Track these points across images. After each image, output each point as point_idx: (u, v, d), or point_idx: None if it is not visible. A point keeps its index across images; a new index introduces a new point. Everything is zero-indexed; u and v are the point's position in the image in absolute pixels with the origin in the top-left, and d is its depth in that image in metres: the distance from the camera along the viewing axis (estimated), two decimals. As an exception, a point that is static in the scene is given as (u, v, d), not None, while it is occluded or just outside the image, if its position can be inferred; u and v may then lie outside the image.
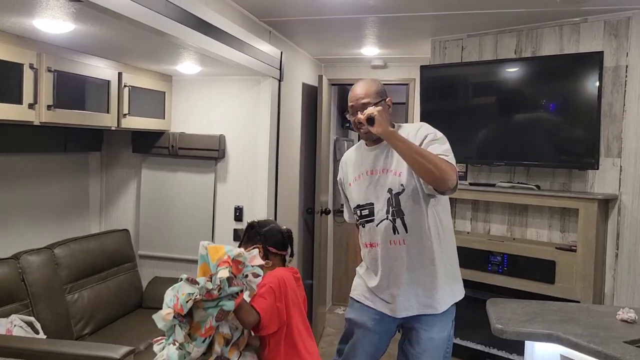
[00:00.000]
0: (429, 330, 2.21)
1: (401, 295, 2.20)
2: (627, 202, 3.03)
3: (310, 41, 4.15)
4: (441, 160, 2.02)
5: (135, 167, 3.61)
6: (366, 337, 2.30)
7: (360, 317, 2.31)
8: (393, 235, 2.19)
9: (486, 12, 3.18)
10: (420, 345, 2.22)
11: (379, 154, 2.24)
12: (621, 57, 3.04)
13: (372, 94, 2.20)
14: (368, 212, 2.25)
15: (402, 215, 2.16)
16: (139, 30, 2.12)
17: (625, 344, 1.79)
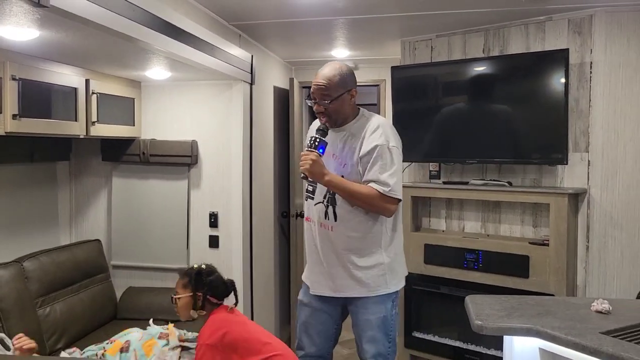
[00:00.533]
0: (365, 312, 2.33)
1: (332, 276, 2.33)
2: (595, 196, 3.10)
3: (280, 44, 4.14)
4: (376, 197, 2.17)
5: (106, 176, 3.54)
6: (313, 316, 2.44)
7: (306, 297, 2.46)
8: (324, 219, 2.32)
9: (454, 13, 3.21)
10: (358, 327, 2.36)
11: (335, 137, 2.31)
12: (585, 54, 3.11)
13: (334, 86, 2.23)
14: (312, 189, 2.38)
15: (334, 204, 2.28)
16: (107, 36, 2.07)
17: (602, 334, 1.82)
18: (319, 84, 2.26)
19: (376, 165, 2.19)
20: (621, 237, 3.06)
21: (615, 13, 3.04)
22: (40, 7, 1.62)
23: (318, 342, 2.47)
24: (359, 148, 2.24)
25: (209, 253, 3.48)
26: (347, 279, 2.31)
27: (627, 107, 3.04)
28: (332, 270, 2.34)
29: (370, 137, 2.23)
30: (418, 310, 3.65)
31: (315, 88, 2.27)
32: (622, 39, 3.04)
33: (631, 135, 3.04)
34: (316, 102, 2.26)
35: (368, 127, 2.25)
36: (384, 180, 2.18)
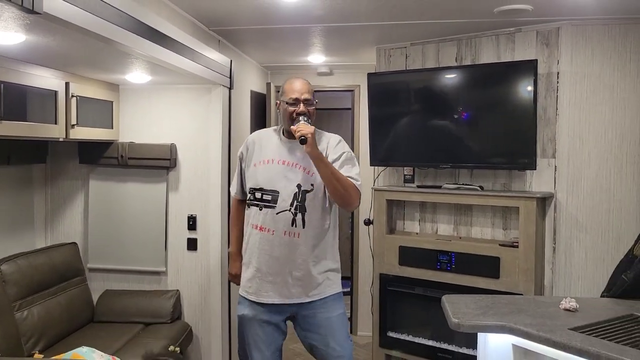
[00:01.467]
0: (324, 311, 2.44)
1: (286, 284, 2.41)
2: (562, 200, 3.25)
3: (258, 49, 4.19)
4: (352, 186, 2.35)
5: (83, 179, 3.53)
6: (262, 329, 2.47)
7: (251, 310, 2.49)
8: (290, 227, 2.39)
9: (428, 22, 3.32)
10: (321, 327, 2.44)
11: (294, 148, 2.43)
12: (553, 65, 3.26)
13: (311, 92, 2.46)
14: (271, 198, 2.42)
15: (304, 211, 2.39)
16: (91, 40, 2.08)
17: (571, 330, 1.94)
18: (302, 90, 2.44)
19: (347, 166, 2.41)
20: (585, 240, 3.22)
21: (580, 26, 3.20)
22: (33, 14, 1.65)
23: (269, 356, 2.50)
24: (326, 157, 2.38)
25: (187, 256, 3.51)
26: (308, 283, 2.43)
27: (591, 115, 3.20)
28: (290, 278, 2.41)
29: (336, 147, 2.45)
30: (392, 311, 3.74)
31: (298, 94, 2.42)
32: (586, 50, 3.20)
33: (595, 142, 3.20)
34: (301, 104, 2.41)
35: (330, 141, 2.47)
36: (354, 177, 2.39)
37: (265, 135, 2.59)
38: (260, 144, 2.53)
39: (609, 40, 3.18)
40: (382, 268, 3.72)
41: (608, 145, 3.19)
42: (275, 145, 2.49)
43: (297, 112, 2.39)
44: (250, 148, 2.55)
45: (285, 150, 2.46)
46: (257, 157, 2.50)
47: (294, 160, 2.44)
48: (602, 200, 3.20)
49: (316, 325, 2.46)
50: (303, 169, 2.42)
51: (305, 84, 2.48)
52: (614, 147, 3.19)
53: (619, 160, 3.18)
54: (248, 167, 2.53)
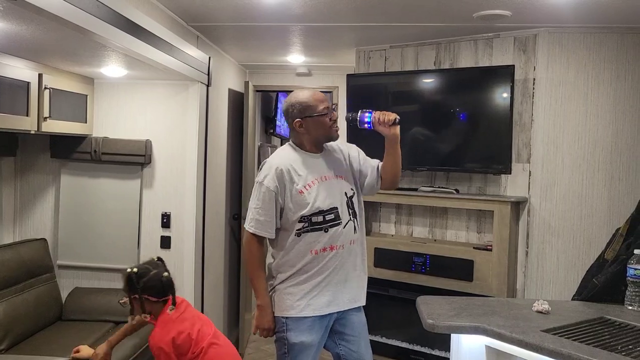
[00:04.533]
0: (361, 315, 2.45)
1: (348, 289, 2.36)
2: (535, 204, 3.29)
3: (236, 47, 4.15)
4: None
5: (54, 173, 3.45)
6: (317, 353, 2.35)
7: (310, 335, 2.27)
8: (353, 235, 2.36)
9: (407, 25, 3.34)
10: (356, 331, 2.40)
11: (325, 161, 2.39)
12: (529, 71, 3.31)
13: None
14: (334, 216, 2.28)
15: (356, 216, 2.39)
16: (66, 30, 2.04)
17: (543, 332, 1.96)
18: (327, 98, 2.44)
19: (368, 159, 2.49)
20: (557, 244, 3.27)
21: (557, 34, 3.25)
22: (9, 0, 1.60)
23: None
24: (344, 158, 2.44)
25: (160, 254, 3.41)
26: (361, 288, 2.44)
27: (566, 122, 3.26)
28: (350, 284, 2.36)
29: (350, 148, 2.51)
30: (366, 313, 3.72)
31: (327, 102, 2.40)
32: (562, 58, 3.25)
33: (568, 148, 3.25)
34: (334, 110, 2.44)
35: (338, 145, 2.48)
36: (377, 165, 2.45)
37: (291, 157, 2.32)
38: (295, 169, 2.28)
39: (584, 49, 3.24)
40: (357, 269, 3.71)
41: (581, 151, 3.25)
42: (310, 164, 2.32)
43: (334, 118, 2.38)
44: (285, 177, 2.25)
45: (319, 165, 2.34)
46: (301, 183, 2.26)
47: (332, 172, 2.36)
48: (575, 205, 3.25)
49: (350, 327, 2.38)
50: (340, 177, 2.39)
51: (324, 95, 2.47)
52: (586, 154, 3.24)
53: (592, 166, 3.24)
54: (291, 197, 2.25)
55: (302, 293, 2.27)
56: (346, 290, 2.35)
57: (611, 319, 2.17)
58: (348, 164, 2.43)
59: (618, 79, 3.21)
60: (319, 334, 2.31)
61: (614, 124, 3.22)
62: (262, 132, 5.75)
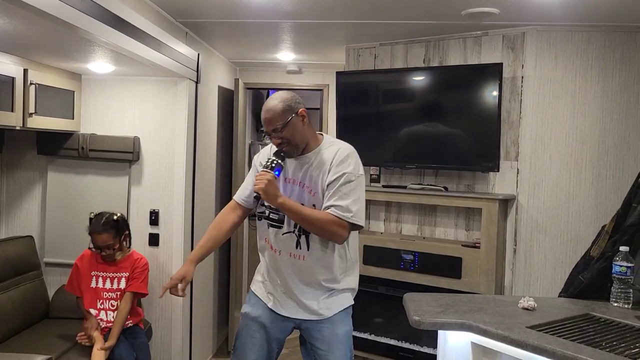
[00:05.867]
0: (331, 327, 2.28)
1: (292, 301, 2.29)
2: (523, 202, 3.31)
3: (226, 44, 4.14)
4: (331, 222, 2.11)
5: (41, 170, 3.42)
6: (259, 335, 2.33)
7: (256, 310, 2.34)
8: (295, 249, 2.24)
9: (397, 23, 3.34)
10: (325, 342, 2.28)
11: (299, 166, 2.25)
12: (517, 69, 3.32)
13: (277, 116, 2.16)
14: (278, 218, 2.27)
15: (307, 233, 2.21)
16: (51, 25, 2.02)
17: (528, 328, 1.97)
18: (266, 117, 2.20)
19: (340, 192, 2.15)
20: (545, 241, 3.28)
21: (545, 32, 3.26)
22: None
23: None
24: (327, 175, 2.18)
25: (148, 251, 3.44)
26: (316, 306, 2.28)
27: (554, 120, 3.27)
28: (300, 298, 2.28)
29: (339, 165, 2.18)
30: (355, 310, 3.72)
31: (264, 123, 2.21)
32: (550, 56, 3.27)
33: (556, 146, 3.27)
34: (271, 137, 2.22)
35: (337, 155, 2.20)
36: (347, 207, 2.13)
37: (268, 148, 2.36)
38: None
39: (572, 47, 3.25)
40: (346, 267, 3.72)
41: (569, 149, 3.26)
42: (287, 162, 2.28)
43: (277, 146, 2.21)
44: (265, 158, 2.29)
45: (292, 167, 2.27)
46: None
47: (299, 178, 2.25)
48: (562, 203, 3.27)
49: (319, 341, 2.30)
50: (306, 187, 2.24)
51: (268, 110, 2.18)
52: (574, 152, 3.26)
53: (579, 164, 3.25)
54: None
55: (259, 273, 2.43)
56: (290, 299, 2.30)
57: (596, 315, 2.18)
58: (325, 181, 2.19)
59: (605, 76, 3.23)
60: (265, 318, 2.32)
61: (602, 122, 3.24)
62: (253, 130, 5.73)
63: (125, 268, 3.07)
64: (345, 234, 2.17)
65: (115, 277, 3.05)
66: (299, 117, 2.19)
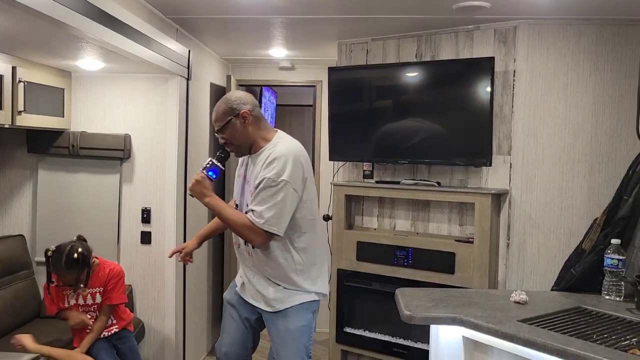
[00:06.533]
0: (284, 321, 2.36)
1: (253, 292, 2.43)
2: (516, 196, 3.30)
3: (218, 40, 4.12)
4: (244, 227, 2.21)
5: (31, 168, 3.40)
6: (233, 316, 2.53)
7: (232, 296, 2.55)
8: (244, 245, 2.39)
9: (388, 17, 3.32)
10: (278, 335, 2.39)
11: (252, 165, 2.35)
12: (509, 63, 3.31)
13: (220, 115, 2.30)
14: None
15: None
16: (38, 21, 2.00)
17: (519, 322, 1.96)
18: (216, 117, 2.33)
19: (258, 197, 2.21)
20: (538, 236, 3.28)
21: (536, 25, 3.25)
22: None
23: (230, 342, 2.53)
24: (259, 175, 2.25)
25: (140, 249, 3.43)
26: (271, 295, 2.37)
27: (546, 113, 3.26)
28: (257, 287, 2.41)
29: (265, 168, 2.23)
30: (350, 306, 3.74)
31: (215, 122, 2.34)
32: (542, 49, 3.26)
33: (549, 140, 3.26)
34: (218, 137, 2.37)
35: (268, 157, 2.25)
36: (260, 212, 2.18)
37: None
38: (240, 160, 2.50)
39: (563, 40, 3.24)
40: (340, 264, 3.71)
41: (561, 143, 3.26)
42: (242, 160, 2.47)
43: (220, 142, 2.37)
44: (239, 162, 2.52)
45: (247, 163, 2.40)
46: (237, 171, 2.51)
47: (248, 175, 2.37)
48: (555, 197, 3.26)
49: (273, 333, 2.41)
50: (249, 187, 2.35)
51: (214, 112, 2.33)
52: (566, 145, 3.25)
53: (572, 158, 3.25)
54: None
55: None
56: (249, 286, 2.45)
57: (588, 308, 2.18)
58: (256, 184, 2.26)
59: (597, 70, 3.22)
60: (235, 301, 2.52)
61: (594, 115, 3.23)
62: (247, 127, 5.72)
63: (97, 283, 2.87)
64: (259, 240, 2.23)
65: (89, 293, 2.87)
66: (239, 118, 2.28)
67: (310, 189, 2.34)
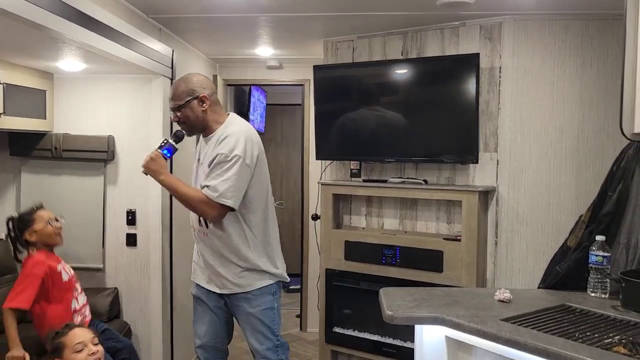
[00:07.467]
0: (247, 305, 2.47)
1: (211, 276, 2.51)
2: (503, 193, 3.28)
3: (203, 40, 4.08)
4: (198, 201, 2.29)
5: (14, 172, 3.37)
6: (202, 308, 2.59)
7: (197, 291, 2.62)
8: (199, 226, 2.46)
9: (373, 15, 3.30)
10: (241, 320, 2.51)
11: (204, 147, 2.45)
12: (495, 59, 3.29)
13: (179, 94, 2.39)
14: None
15: None
16: (14, 23, 1.98)
17: (502, 321, 1.94)
18: (173, 94, 2.43)
19: (212, 172, 2.30)
20: (526, 233, 3.25)
21: (522, 21, 3.23)
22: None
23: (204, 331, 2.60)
24: (212, 154, 2.35)
25: (126, 251, 3.40)
26: (225, 280, 2.47)
27: (532, 110, 3.24)
28: (213, 270, 2.49)
29: (218, 145, 2.33)
30: (338, 306, 3.71)
31: (170, 101, 2.44)
32: (528, 46, 3.23)
33: (535, 136, 3.24)
34: (170, 114, 2.45)
35: (221, 136, 2.35)
36: (214, 186, 2.26)
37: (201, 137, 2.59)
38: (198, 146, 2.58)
39: (549, 36, 3.22)
40: (328, 263, 3.69)
41: (548, 139, 3.23)
42: (200, 146, 2.53)
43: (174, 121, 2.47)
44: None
45: (202, 145, 2.49)
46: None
47: (201, 159, 2.46)
48: (542, 193, 3.24)
49: (238, 317, 2.53)
50: (202, 168, 2.42)
51: (172, 89, 2.45)
52: (553, 142, 3.23)
53: (559, 154, 3.23)
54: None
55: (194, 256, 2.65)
56: (207, 270, 2.51)
57: (572, 306, 2.15)
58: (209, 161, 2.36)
59: (584, 65, 3.20)
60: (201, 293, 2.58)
61: (580, 111, 3.21)
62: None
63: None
64: (213, 213, 2.30)
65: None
66: (198, 101, 2.37)
67: (263, 168, 2.44)
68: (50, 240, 2.77)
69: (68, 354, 2.34)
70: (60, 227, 2.82)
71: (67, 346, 2.34)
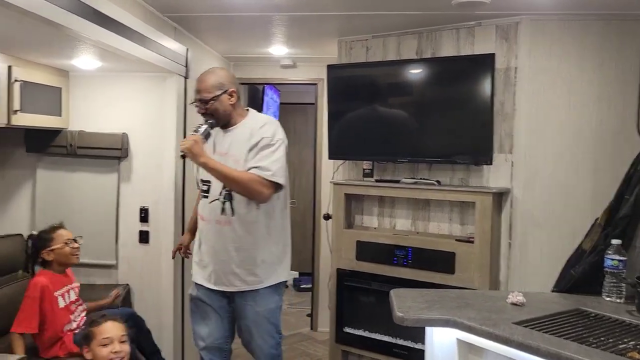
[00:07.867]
0: (254, 304, 2.50)
1: (219, 273, 2.51)
2: (518, 195, 3.24)
3: (217, 39, 4.09)
4: (253, 180, 2.33)
5: (29, 168, 3.41)
6: (203, 309, 2.62)
7: (197, 291, 2.64)
8: (220, 216, 2.44)
9: (389, 14, 3.28)
10: (248, 319, 2.52)
11: (227, 138, 2.51)
12: (511, 59, 3.25)
13: (209, 87, 2.46)
14: (207, 188, 2.54)
15: (231, 199, 2.42)
16: (32, 21, 1.99)
17: (514, 324, 1.91)
18: (197, 89, 2.48)
19: (260, 154, 2.38)
20: (541, 235, 3.21)
21: (539, 21, 3.19)
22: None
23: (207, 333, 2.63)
24: (249, 142, 2.42)
25: (139, 248, 3.42)
26: (235, 277, 2.48)
27: (548, 111, 3.19)
28: (224, 267, 2.48)
29: (259, 131, 2.43)
30: (349, 306, 3.70)
31: (195, 91, 2.49)
32: (544, 46, 3.19)
33: (551, 138, 3.20)
34: (197, 106, 2.48)
35: (256, 124, 2.47)
36: (266, 166, 2.35)
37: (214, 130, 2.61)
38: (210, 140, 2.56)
39: (567, 36, 3.17)
40: (340, 263, 3.68)
41: (564, 141, 3.19)
42: (217, 139, 2.55)
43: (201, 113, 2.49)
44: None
45: (220, 138, 2.53)
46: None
47: (224, 149, 2.49)
48: (558, 196, 3.20)
49: (244, 316, 2.53)
50: (231, 156, 2.45)
51: (200, 80, 2.50)
52: (570, 143, 3.18)
53: (575, 156, 3.18)
54: None
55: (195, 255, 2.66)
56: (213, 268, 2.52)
57: (587, 310, 2.12)
58: (247, 148, 2.43)
59: (602, 66, 3.15)
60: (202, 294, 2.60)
61: (598, 113, 3.16)
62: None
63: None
64: (267, 192, 2.37)
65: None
66: (227, 94, 2.46)
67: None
68: (66, 260, 2.85)
69: (95, 345, 2.40)
70: (77, 248, 2.87)
71: (96, 337, 2.40)
